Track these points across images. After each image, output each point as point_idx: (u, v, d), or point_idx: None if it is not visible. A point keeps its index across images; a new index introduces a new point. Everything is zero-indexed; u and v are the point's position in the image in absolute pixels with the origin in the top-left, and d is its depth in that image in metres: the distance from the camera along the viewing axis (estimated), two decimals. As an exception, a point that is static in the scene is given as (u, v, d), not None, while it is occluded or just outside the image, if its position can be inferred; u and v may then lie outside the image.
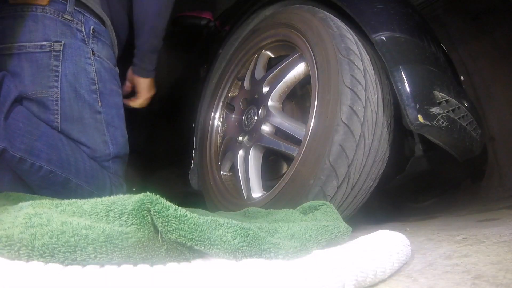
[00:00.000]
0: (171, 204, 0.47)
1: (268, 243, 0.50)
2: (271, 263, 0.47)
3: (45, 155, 0.86)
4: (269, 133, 1.12)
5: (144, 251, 0.45)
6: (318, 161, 0.86)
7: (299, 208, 0.79)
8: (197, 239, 0.46)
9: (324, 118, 0.88)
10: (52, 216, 0.45)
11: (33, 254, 0.41)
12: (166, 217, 0.44)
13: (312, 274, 0.41)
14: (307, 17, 1.05)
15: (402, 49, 0.92)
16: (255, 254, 0.49)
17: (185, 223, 0.45)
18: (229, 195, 1.24)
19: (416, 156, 1.01)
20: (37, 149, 0.85)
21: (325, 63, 0.93)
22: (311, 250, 0.55)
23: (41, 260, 0.41)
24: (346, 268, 0.44)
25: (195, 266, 0.47)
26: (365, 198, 0.98)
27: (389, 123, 0.95)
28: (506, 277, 0.44)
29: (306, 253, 0.54)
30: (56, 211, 0.49)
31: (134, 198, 0.47)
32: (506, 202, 1.35)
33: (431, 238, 0.76)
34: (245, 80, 1.33)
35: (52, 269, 0.40)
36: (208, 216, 0.51)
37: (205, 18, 1.85)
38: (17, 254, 0.41)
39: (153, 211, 0.44)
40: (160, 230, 0.45)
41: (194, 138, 1.56)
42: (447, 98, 0.93)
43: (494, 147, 1.71)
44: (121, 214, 0.46)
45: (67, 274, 0.40)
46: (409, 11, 1.05)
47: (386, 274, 0.50)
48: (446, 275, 0.48)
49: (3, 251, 0.41)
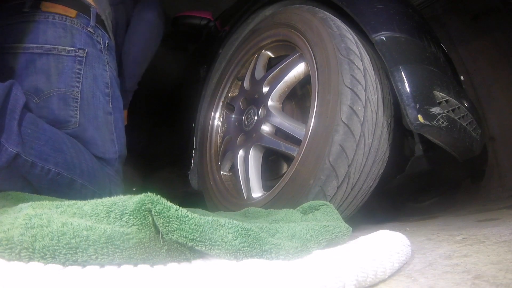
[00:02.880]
0: (172, 205, 0.46)
1: (269, 244, 0.50)
2: (271, 264, 0.47)
3: (52, 159, 0.92)
4: (269, 133, 1.12)
5: (145, 252, 0.45)
6: (318, 161, 0.86)
7: (299, 208, 0.79)
8: (198, 240, 0.45)
9: (324, 118, 0.89)
10: (53, 217, 0.45)
11: (34, 256, 0.41)
12: (167, 218, 0.44)
13: (312, 274, 0.41)
14: (307, 17, 1.05)
15: (402, 49, 0.92)
16: (256, 255, 0.49)
17: (186, 224, 0.45)
18: (229, 195, 1.24)
19: (416, 156, 1.01)
20: (45, 153, 0.90)
21: (325, 63, 0.93)
22: (312, 250, 0.55)
23: (42, 262, 0.41)
24: (347, 268, 0.44)
25: (196, 267, 0.47)
26: (365, 198, 0.98)
27: (389, 123, 0.95)
28: (506, 277, 0.44)
29: (307, 253, 0.54)
30: (56, 212, 0.49)
31: (135, 198, 0.47)
32: (506, 202, 1.36)
33: (431, 238, 0.76)
34: (245, 80, 1.33)
35: (52, 269, 0.40)
36: (209, 216, 0.51)
37: (205, 18, 1.85)
38: (18, 256, 0.41)
39: (154, 212, 0.44)
40: (161, 231, 0.45)
41: (194, 138, 1.56)
42: (447, 98, 0.93)
43: (494, 147, 1.71)
44: (122, 214, 0.46)
45: (67, 274, 0.40)
46: (409, 11, 1.05)
47: (386, 274, 0.50)
48: (446, 275, 0.48)
49: (4, 253, 0.41)
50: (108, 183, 1.12)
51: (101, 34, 1.16)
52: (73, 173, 0.97)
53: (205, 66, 1.64)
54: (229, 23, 1.59)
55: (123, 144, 1.21)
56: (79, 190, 1.00)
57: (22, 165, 0.85)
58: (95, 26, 1.14)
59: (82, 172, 1.00)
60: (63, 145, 0.97)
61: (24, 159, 0.84)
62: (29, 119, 0.89)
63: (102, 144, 1.11)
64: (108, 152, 1.13)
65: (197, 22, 1.86)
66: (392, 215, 1.45)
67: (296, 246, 0.52)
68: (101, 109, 1.11)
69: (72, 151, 0.99)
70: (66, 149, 0.97)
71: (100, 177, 1.08)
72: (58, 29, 1.05)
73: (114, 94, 1.18)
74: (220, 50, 1.55)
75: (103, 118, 1.12)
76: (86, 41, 1.09)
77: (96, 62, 1.12)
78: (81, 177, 1.00)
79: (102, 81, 1.13)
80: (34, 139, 0.88)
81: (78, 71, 1.06)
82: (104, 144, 1.11)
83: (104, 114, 1.12)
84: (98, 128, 1.10)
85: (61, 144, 0.96)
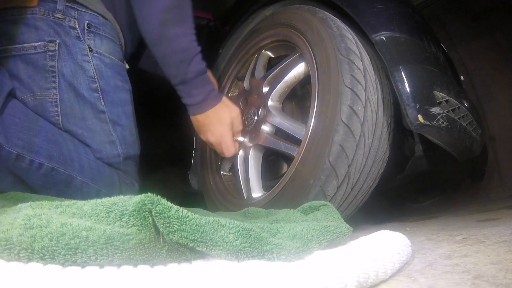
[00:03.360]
0: (173, 205, 0.46)
1: (270, 244, 0.50)
2: (273, 265, 0.47)
3: (45, 151, 0.83)
4: (269, 133, 1.12)
5: (145, 253, 0.45)
6: (318, 161, 0.86)
7: (300, 208, 0.79)
8: (199, 240, 0.45)
9: (324, 118, 0.88)
10: (52, 217, 0.45)
11: (33, 257, 0.41)
12: (168, 218, 0.44)
13: (314, 275, 0.41)
14: (307, 17, 1.05)
15: (402, 49, 0.92)
16: (258, 255, 0.49)
17: (187, 224, 0.45)
18: (229, 195, 1.24)
19: (416, 156, 1.01)
20: (36, 145, 0.82)
21: (325, 63, 0.93)
22: (313, 250, 0.55)
23: (41, 262, 0.41)
24: (348, 269, 0.44)
25: (197, 267, 0.47)
26: (365, 198, 0.98)
27: (389, 123, 0.95)
28: (506, 277, 0.44)
29: (308, 254, 0.54)
30: (55, 212, 0.48)
31: (135, 199, 0.47)
32: (506, 202, 1.36)
33: (431, 238, 0.76)
34: (245, 80, 1.33)
35: (51, 270, 0.40)
36: (210, 216, 0.51)
37: (205, 18, 1.85)
38: (16, 257, 0.41)
39: (155, 212, 0.44)
40: (162, 231, 0.44)
41: (194, 138, 1.56)
42: (447, 98, 0.93)
43: (494, 147, 1.72)
44: (121, 215, 0.46)
45: (66, 275, 0.40)
46: (409, 11, 1.05)
47: (387, 275, 0.50)
48: (446, 275, 0.48)
49: (3, 254, 0.41)
50: (117, 181, 0.99)
51: (77, 15, 0.94)
52: (72, 169, 0.87)
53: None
54: (229, 23, 1.59)
55: (130, 143, 1.03)
56: (79, 188, 0.90)
57: (6, 157, 0.77)
58: (65, 7, 0.93)
59: (82, 168, 0.89)
60: (59, 136, 0.87)
61: (7, 151, 0.76)
62: (18, 108, 0.80)
63: (98, 148, 0.95)
64: (108, 157, 0.97)
65: (197, 22, 1.86)
66: (392, 215, 1.45)
67: (298, 246, 0.52)
68: (89, 108, 0.94)
69: (69, 144, 0.89)
70: (63, 141, 0.88)
71: (106, 175, 0.96)
72: (18, 25, 0.88)
73: (106, 86, 0.98)
74: (220, 50, 1.55)
75: (94, 119, 0.95)
76: (55, 30, 0.91)
77: (72, 54, 0.92)
78: (81, 173, 0.89)
79: (84, 75, 0.94)
80: (23, 129, 0.80)
81: (52, 69, 0.89)
82: (101, 148, 0.96)
83: (95, 114, 0.95)
84: (88, 131, 0.94)
85: (56, 136, 0.86)
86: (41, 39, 0.89)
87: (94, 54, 0.96)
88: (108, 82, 0.98)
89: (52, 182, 0.85)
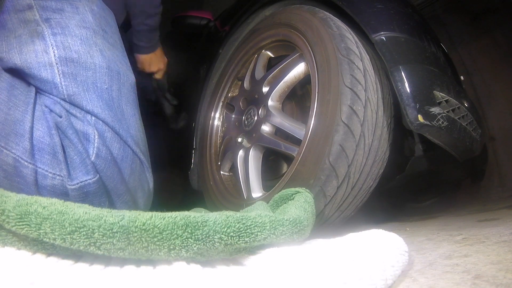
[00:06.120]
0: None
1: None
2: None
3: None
4: (269, 133, 1.12)
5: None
6: (318, 161, 0.86)
7: (272, 202, 0.78)
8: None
9: (324, 118, 0.88)
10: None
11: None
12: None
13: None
14: (307, 17, 1.05)
15: (402, 49, 0.92)
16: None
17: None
18: (229, 195, 1.24)
19: (416, 156, 1.01)
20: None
21: (325, 63, 0.93)
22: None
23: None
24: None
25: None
26: (365, 198, 0.98)
27: (389, 123, 0.95)
28: (506, 277, 0.44)
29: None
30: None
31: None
32: (506, 202, 1.36)
33: (431, 238, 0.76)
34: (245, 80, 1.33)
35: (59, 268, 0.40)
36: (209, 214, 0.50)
37: (205, 18, 1.85)
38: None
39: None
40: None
41: (194, 138, 1.56)
42: (447, 98, 0.93)
43: (494, 147, 1.71)
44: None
45: (71, 273, 0.39)
46: (409, 11, 1.05)
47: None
48: (446, 275, 0.48)
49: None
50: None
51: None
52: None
53: (205, 66, 1.64)
54: (229, 23, 1.59)
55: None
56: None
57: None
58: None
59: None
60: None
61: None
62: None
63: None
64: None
65: (197, 22, 1.86)
66: (392, 215, 1.45)
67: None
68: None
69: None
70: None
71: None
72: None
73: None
74: (220, 50, 1.55)
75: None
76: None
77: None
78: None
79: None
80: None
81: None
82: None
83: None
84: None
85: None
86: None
87: (55, 45, 0.76)
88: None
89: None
